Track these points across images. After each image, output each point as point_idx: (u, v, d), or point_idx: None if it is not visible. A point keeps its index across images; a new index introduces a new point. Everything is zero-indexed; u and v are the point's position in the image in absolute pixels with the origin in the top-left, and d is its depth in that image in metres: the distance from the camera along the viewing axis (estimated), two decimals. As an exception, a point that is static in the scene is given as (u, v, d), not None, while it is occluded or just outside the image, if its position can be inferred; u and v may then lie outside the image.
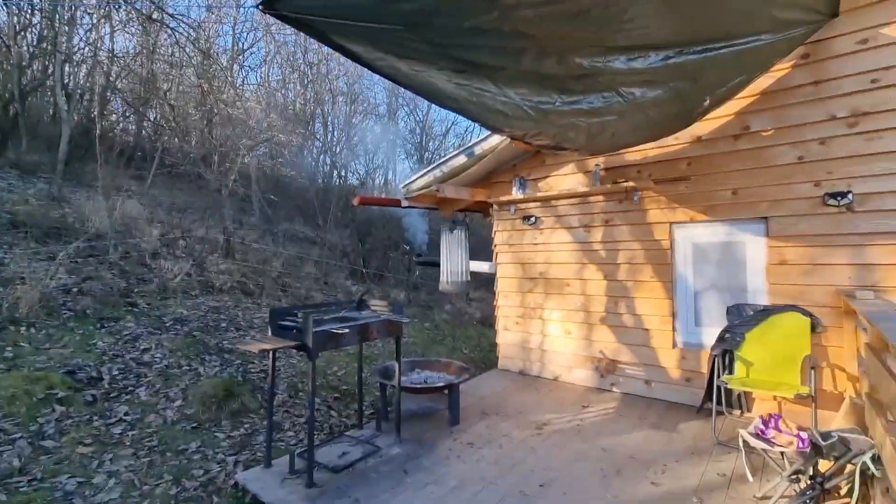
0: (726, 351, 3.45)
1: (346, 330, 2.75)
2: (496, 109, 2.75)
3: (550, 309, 4.70)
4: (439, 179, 4.78)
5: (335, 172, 11.73)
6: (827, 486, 2.09)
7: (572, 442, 3.24)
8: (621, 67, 2.63)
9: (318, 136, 11.79)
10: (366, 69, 2.39)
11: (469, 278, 5.31)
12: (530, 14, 2.00)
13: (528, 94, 2.70)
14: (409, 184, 4.98)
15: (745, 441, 2.42)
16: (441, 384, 3.54)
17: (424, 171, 4.91)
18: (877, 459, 1.92)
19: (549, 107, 2.81)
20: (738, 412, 3.64)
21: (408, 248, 9.10)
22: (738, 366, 3.41)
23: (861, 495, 2.10)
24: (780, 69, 3.48)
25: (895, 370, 1.67)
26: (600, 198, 4.36)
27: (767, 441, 2.36)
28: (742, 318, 3.54)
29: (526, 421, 3.64)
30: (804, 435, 2.27)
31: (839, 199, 3.25)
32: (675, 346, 3.97)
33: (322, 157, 12.03)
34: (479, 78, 2.50)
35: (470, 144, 4.61)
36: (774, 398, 3.45)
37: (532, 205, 4.79)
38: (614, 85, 2.81)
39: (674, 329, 3.98)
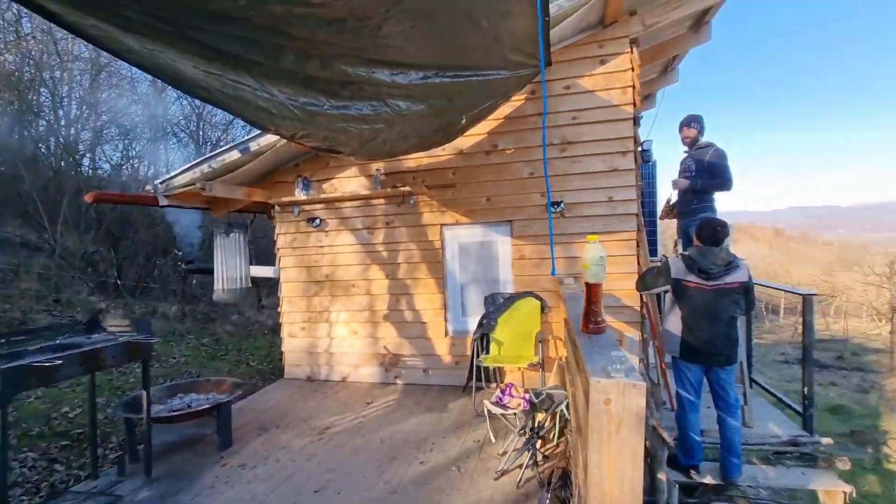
0: (484, 334, 4.06)
1: (60, 360, 2.19)
2: (258, 106, 2.59)
3: (337, 311, 4.71)
4: (208, 176, 4.25)
5: (72, 160, 9.21)
6: (541, 433, 2.66)
7: (353, 440, 3.32)
8: (385, 80, 2.79)
9: (43, 112, 9.07)
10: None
11: (249, 284, 4.89)
12: (281, 10, 1.94)
13: (292, 93, 2.63)
14: (168, 179, 4.28)
15: (488, 410, 2.88)
16: (207, 406, 3.16)
17: (189, 165, 4.29)
18: (569, 406, 2.54)
19: (317, 109, 2.80)
20: (494, 385, 4.32)
21: (179, 253, 7.83)
22: (492, 346, 4.05)
23: (565, 437, 2.75)
24: (518, 100, 4.26)
25: (572, 336, 2.23)
26: (382, 201, 4.58)
27: (504, 406, 2.87)
28: (495, 305, 4.21)
29: (308, 428, 3.56)
30: (527, 396, 2.85)
31: (556, 207, 4.17)
32: (447, 334, 4.47)
33: (53, 139, 9.31)
34: (235, 70, 2.31)
35: (245, 139, 4.23)
36: (519, 369, 4.22)
37: (316, 206, 4.71)
38: (381, 96, 2.97)
39: (446, 320, 4.48)
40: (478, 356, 3.90)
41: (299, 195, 4.50)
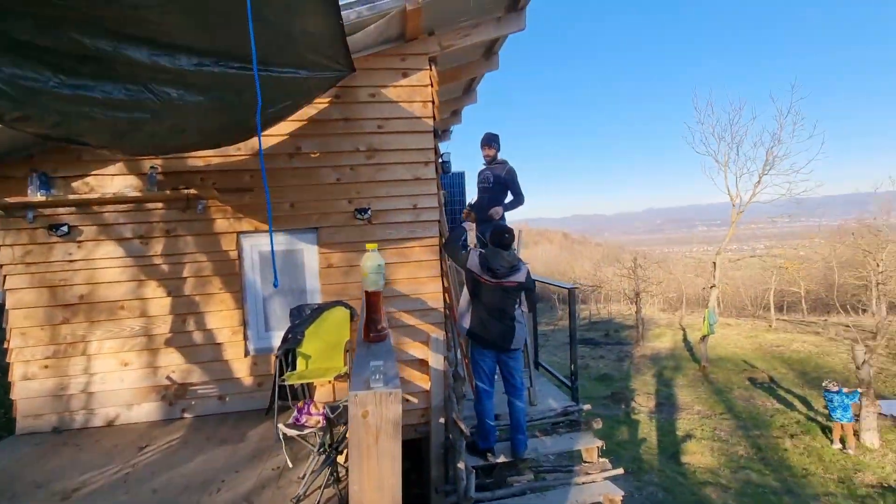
0: (289, 350, 3.78)
1: None
2: (-73, 70, 1.89)
3: (99, 340, 3.79)
4: None
5: None
6: (340, 448, 2.57)
7: (113, 498, 2.68)
8: (143, 60, 2.35)
9: None
10: None
11: (-49, 315, 3.58)
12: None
13: (-8, 60, 2.00)
14: None
15: (283, 434, 2.67)
16: None
17: None
18: (367, 415, 2.50)
19: (39, 85, 2.18)
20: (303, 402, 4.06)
21: None
22: (299, 361, 3.80)
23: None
24: (322, 102, 4.10)
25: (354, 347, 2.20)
26: (160, 205, 3.88)
27: (301, 427, 2.69)
28: (302, 318, 3.97)
29: (46, 495, 2.75)
30: (325, 411, 2.73)
31: (363, 213, 4.15)
32: (247, 354, 4.03)
33: None
34: None
35: (-67, 117, 3.06)
36: (329, 382, 4.05)
37: (63, 210, 3.72)
38: (139, 79, 2.49)
39: (245, 338, 4.03)
40: (282, 374, 3.60)
41: (35, 196, 3.49)
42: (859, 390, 8.85)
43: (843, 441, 8.68)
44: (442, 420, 4.04)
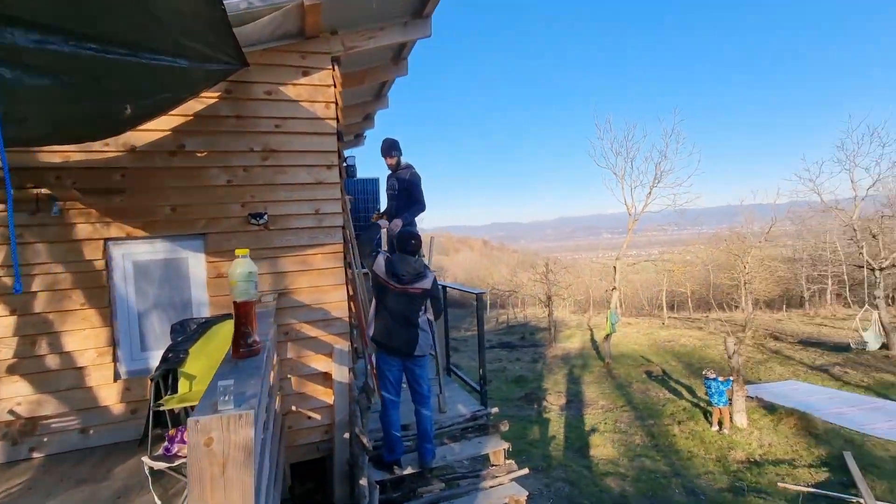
0: (169, 370, 3.36)
1: None
2: None
3: (-89, 371, 3.09)
4: None
5: None
6: (219, 478, 2.30)
7: (-86, 570, 2.16)
8: (-40, 32, 1.95)
9: None
10: None
11: None
12: None
13: None
14: None
15: (150, 468, 2.34)
16: None
17: None
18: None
19: None
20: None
21: None
22: (181, 383, 3.39)
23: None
24: (209, 97, 3.75)
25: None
26: (0, 207, 3.27)
27: (171, 458, 2.38)
28: (186, 334, 3.56)
29: None
30: (202, 438, 2.44)
31: (258, 218, 3.85)
32: (117, 378, 3.52)
33: None
34: None
35: None
36: (219, 403, 3.67)
37: None
38: (-44, 53, 2.07)
39: (115, 360, 3.52)
40: (159, 398, 3.18)
41: None
42: (731, 377, 10.07)
43: (720, 423, 9.79)
44: (347, 435, 3.85)
